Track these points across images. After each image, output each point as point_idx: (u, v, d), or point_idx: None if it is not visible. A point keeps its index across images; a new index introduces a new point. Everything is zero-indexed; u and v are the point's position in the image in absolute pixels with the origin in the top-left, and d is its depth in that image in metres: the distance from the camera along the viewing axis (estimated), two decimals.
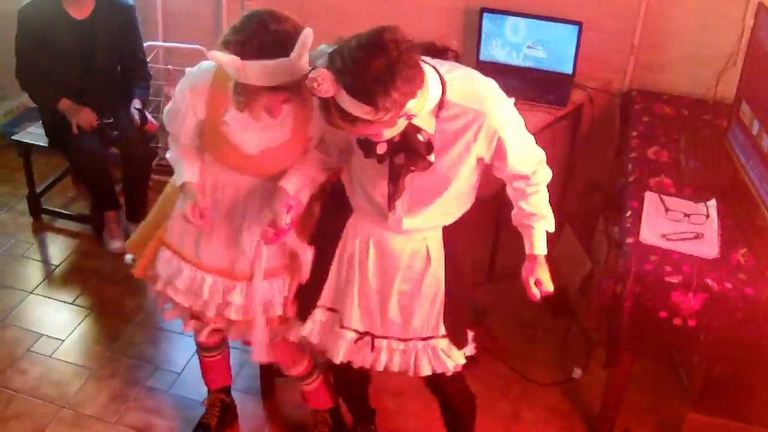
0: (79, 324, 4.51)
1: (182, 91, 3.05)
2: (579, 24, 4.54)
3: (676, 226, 3.54)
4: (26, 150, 5.12)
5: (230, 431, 3.94)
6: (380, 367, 3.19)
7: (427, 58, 2.67)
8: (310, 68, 2.59)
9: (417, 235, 2.97)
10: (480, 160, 2.79)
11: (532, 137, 2.87)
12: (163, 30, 5.40)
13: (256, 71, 2.70)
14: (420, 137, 2.66)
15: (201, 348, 3.74)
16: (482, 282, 4.74)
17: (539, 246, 2.97)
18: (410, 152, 2.69)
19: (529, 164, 2.86)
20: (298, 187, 2.98)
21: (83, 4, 4.72)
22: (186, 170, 3.15)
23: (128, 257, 3.56)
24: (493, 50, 4.78)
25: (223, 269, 3.27)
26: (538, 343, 4.40)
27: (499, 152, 2.75)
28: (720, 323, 3.33)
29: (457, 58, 2.79)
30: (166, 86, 5.39)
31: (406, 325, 3.10)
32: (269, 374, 4.03)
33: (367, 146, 2.72)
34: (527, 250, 2.99)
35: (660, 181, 3.84)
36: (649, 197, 3.71)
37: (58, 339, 4.40)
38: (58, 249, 4.98)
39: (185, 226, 3.25)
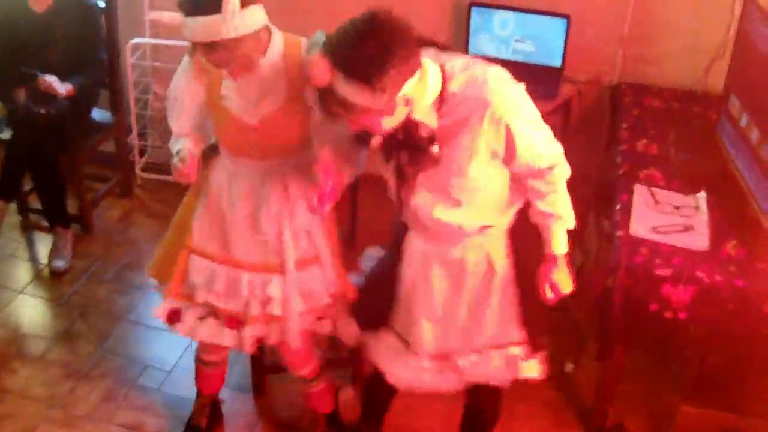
0: (70, 324, 4.49)
1: (177, 79, 3.11)
2: (567, 17, 4.53)
3: (666, 219, 3.54)
4: None
5: (218, 430, 3.93)
6: (461, 386, 3.16)
7: (429, 50, 2.64)
8: (250, 30, 2.77)
9: (470, 242, 2.89)
10: (492, 151, 2.66)
11: (548, 129, 2.76)
12: (150, 27, 5.38)
13: (191, 27, 2.78)
14: (422, 132, 2.62)
15: (201, 362, 3.74)
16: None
17: (557, 245, 2.88)
18: (413, 149, 2.65)
19: (544, 158, 2.73)
20: (333, 156, 2.85)
21: None
22: (179, 142, 3.17)
23: (156, 287, 3.55)
24: (482, 44, 4.76)
25: (257, 263, 3.28)
26: None
27: (508, 140, 2.62)
28: (711, 315, 3.33)
29: (445, 51, 2.76)
30: (154, 83, 5.38)
31: (480, 335, 3.03)
32: (261, 371, 4.02)
33: (364, 140, 2.70)
34: (545, 250, 2.90)
35: (649, 174, 3.84)
36: (639, 190, 3.71)
37: (48, 338, 4.39)
38: (47, 248, 4.95)
39: (209, 229, 3.28)
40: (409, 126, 2.61)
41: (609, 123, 4.62)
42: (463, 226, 2.84)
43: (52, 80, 4.52)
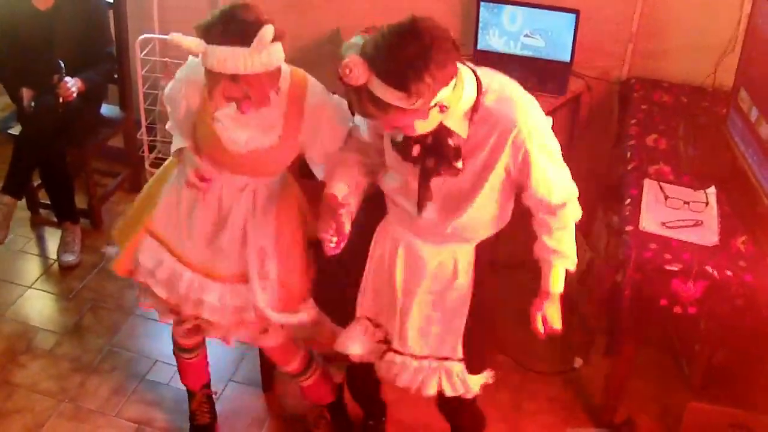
0: (79, 318, 4.50)
1: (179, 81, 3.08)
2: (576, 12, 4.53)
3: (676, 214, 3.53)
4: None
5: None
6: (392, 381, 3.16)
7: (468, 63, 2.66)
8: (274, 66, 2.73)
9: (447, 248, 2.93)
10: (508, 172, 2.70)
11: (565, 169, 2.78)
12: (159, 23, 5.38)
13: (216, 56, 2.71)
14: (450, 142, 2.64)
15: (178, 348, 3.74)
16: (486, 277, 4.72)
17: (556, 283, 2.90)
18: (440, 156, 2.67)
19: (556, 195, 2.76)
20: (345, 193, 2.90)
21: None
22: (182, 138, 3.16)
23: (110, 250, 3.56)
24: (491, 40, 4.76)
25: (202, 266, 3.28)
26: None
27: (524, 168, 2.66)
28: (720, 311, 3.33)
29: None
30: (162, 79, 5.37)
31: (422, 341, 3.05)
32: (270, 366, 4.01)
33: (403, 149, 2.71)
34: (542, 285, 2.92)
35: (659, 169, 3.83)
36: (649, 185, 3.70)
37: (57, 333, 4.40)
38: (56, 243, 4.96)
39: (171, 214, 3.28)
40: (441, 133, 2.63)
41: (618, 118, 4.61)
42: (459, 235, 2.88)
43: (70, 84, 4.51)
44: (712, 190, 3.66)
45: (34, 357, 4.25)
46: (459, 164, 2.66)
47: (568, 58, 4.65)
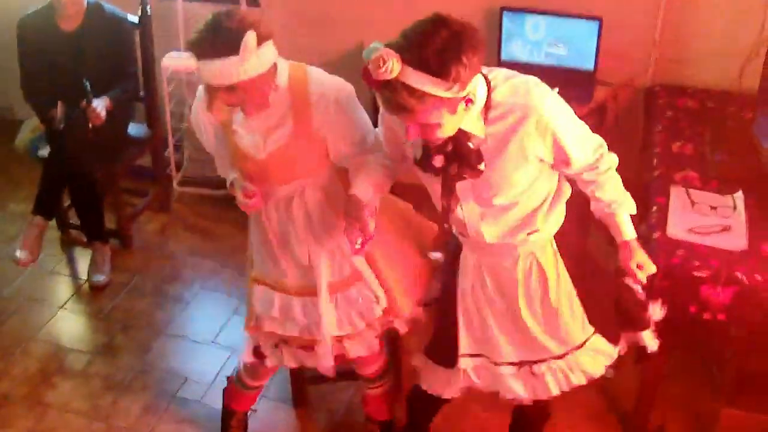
0: (110, 337, 4.53)
1: (195, 109, 3.10)
2: (599, 20, 4.52)
3: (703, 220, 3.51)
4: None
5: None
6: (553, 392, 3.16)
7: None
8: (266, 68, 2.76)
9: (521, 251, 2.93)
10: (541, 160, 2.71)
11: (585, 125, 2.80)
12: (185, 39, 5.41)
13: (209, 70, 2.73)
14: (470, 144, 2.63)
15: (242, 384, 3.75)
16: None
17: (628, 231, 2.95)
18: (462, 160, 2.66)
19: (591, 152, 2.80)
20: (368, 195, 2.91)
21: (72, 17, 4.74)
22: (230, 171, 3.17)
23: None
24: (514, 50, 4.76)
25: (302, 287, 3.27)
26: None
27: (558, 149, 2.68)
28: (751, 316, 3.30)
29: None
30: (189, 97, 5.40)
31: (555, 342, 3.07)
32: (301, 382, 4.02)
33: (425, 162, 2.71)
34: (618, 239, 2.97)
35: (685, 175, 3.81)
36: (675, 191, 3.68)
37: (89, 353, 4.43)
38: (86, 263, 5.00)
39: (262, 254, 3.28)
40: (459, 138, 2.63)
41: (644, 125, 4.59)
42: (510, 235, 2.87)
43: (99, 109, 4.56)
44: (739, 195, 3.63)
45: (66, 377, 4.28)
46: (482, 166, 2.65)
47: (592, 66, 4.64)
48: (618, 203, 2.92)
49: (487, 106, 2.62)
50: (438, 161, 2.68)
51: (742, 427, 3.61)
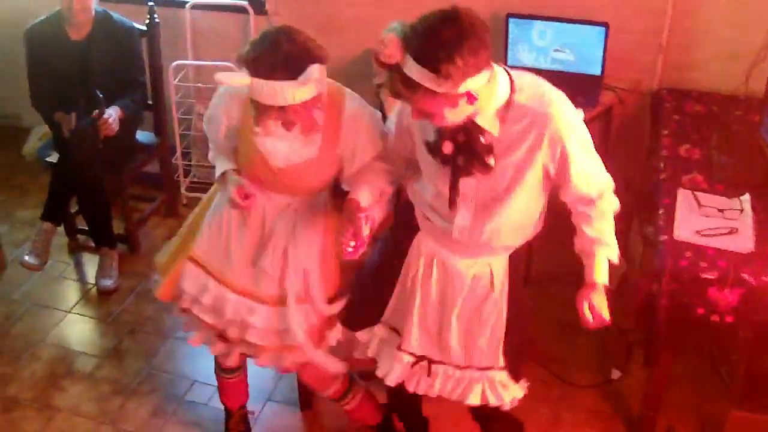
0: (118, 341, 4.54)
1: (220, 95, 3.09)
2: (605, 25, 4.53)
3: (710, 222, 3.51)
4: None
5: None
6: (434, 393, 3.17)
7: (503, 65, 2.69)
8: (318, 92, 2.75)
9: (482, 260, 2.95)
10: (546, 172, 2.73)
11: (599, 160, 2.80)
12: (192, 49, 5.45)
13: (265, 90, 2.72)
14: (482, 139, 2.64)
15: (220, 369, 3.75)
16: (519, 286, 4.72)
17: (600, 274, 2.87)
18: (471, 154, 2.67)
19: (594, 187, 2.79)
20: (369, 201, 2.94)
21: (80, 26, 4.75)
22: (225, 162, 3.16)
23: (155, 278, 3.58)
24: (521, 55, 4.77)
25: (247, 289, 3.28)
26: (576, 346, 4.36)
27: (563, 164, 2.68)
28: (759, 318, 3.30)
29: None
30: (197, 104, 5.43)
31: (464, 352, 3.07)
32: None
33: (435, 147, 2.72)
34: (586, 278, 2.89)
35: (692, 178, 3.82)
36: (682, 194, 3.69)
37: (97, 356, 4.44)
38: (94, 268, 5.01)
39: (213, 240, 3.28)
40: (472, 130, 2.64)
41: (650, 129, 4.60)
42: (494, 242, 2.88)
43: (111, 120, 4.58)
44: (746, 197, 3.64)
45: (75, 380, 4.29)
46: (491, 161, 2.66)
47: (598, 71, 4.65)
48: (602, 244, 2.86)
49: (507, 106, 2.64)
50: (447, 147, 2.69)
51: (750, 429, 3.61)
